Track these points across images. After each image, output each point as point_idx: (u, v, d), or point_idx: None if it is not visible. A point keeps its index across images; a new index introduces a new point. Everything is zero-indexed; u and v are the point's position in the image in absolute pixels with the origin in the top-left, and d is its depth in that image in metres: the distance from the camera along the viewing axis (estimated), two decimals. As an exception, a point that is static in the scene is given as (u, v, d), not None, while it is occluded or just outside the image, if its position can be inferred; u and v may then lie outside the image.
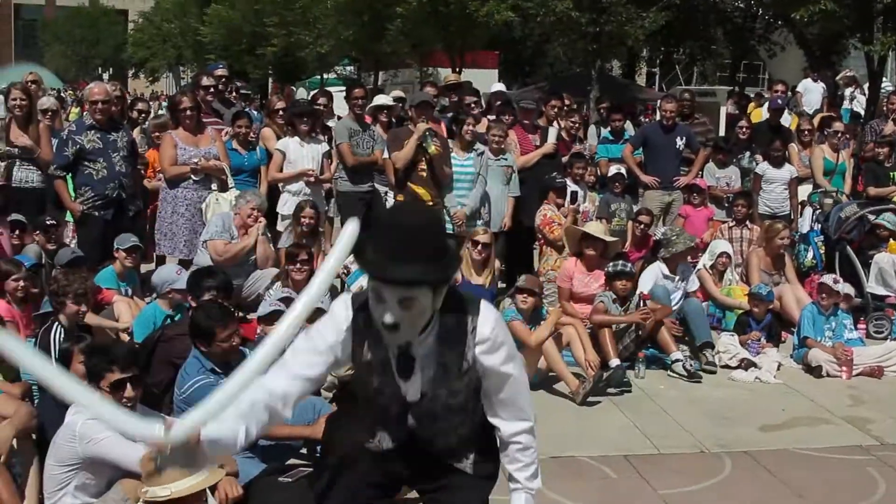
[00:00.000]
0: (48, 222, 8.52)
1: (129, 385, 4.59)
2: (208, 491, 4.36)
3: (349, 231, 3.20)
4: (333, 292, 7.99)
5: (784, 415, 7.16)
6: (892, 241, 9.93)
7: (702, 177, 11.26)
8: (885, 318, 9.35)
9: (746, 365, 8.10)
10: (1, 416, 4.84)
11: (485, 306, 3.32)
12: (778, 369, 8.19)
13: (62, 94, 17.69)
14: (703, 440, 6.55)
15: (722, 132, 15.87)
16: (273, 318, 6.45)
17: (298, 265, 7.56)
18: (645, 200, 11.07)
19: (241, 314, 7.13)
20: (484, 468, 3.56)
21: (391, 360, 3.29)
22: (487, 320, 3.29)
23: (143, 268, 8.81)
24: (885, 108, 13.66)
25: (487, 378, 3.35)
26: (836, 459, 6.33)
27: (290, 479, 4.79)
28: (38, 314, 6.85)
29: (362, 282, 5.69)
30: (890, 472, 6.07)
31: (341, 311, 3.34)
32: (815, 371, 8.12)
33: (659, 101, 12.65)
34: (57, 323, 6.14)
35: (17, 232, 8.40)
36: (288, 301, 6.80)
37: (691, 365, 7.92)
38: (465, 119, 9.65)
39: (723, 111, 18.51)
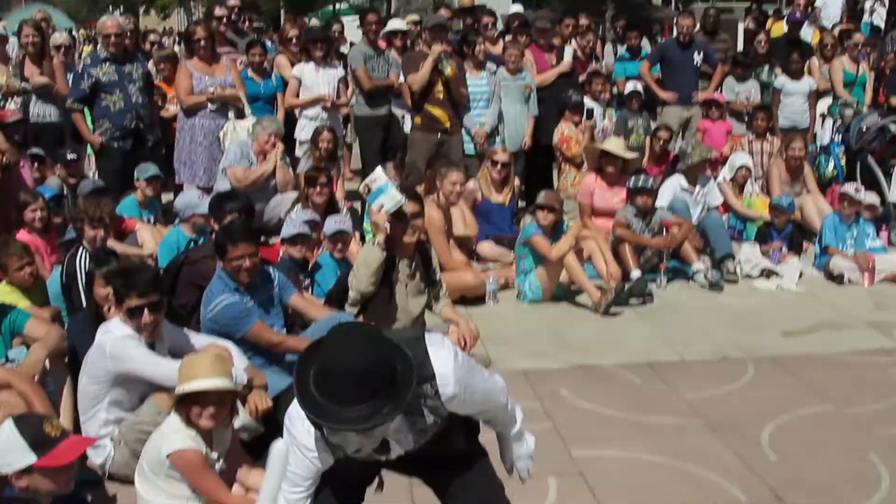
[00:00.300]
0: (69, 157, 8.56)
1: (146, 311, 4.58)
2: (239, 403, 4.45)
3: (277, 451, 3.05)
4: (354, 214, 8.07)
5: (807, 321, 7.19)
6: (919, 149, 9.85)
7: (721, 91, 11.17)
8: (907, 225, 9.32)
9: (768, 274, 8.13)
10: (33, 339, 4.91)
11: (436, 359, 3.01)
12: (800, 277, 8.21)
13: (74, 34, 17.56)
14: (725, 347, 6.59)
15: (740, 49, 15.70)
16: (297, 240, 6.50)
17: (318, 188, 7.57)
18: (664, 116, 11.01)
19: (262, 238, 7.17)
20: (474, 439, 3.46)
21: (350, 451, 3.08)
22: (445, 377, 3.00)
23: (164, 198, 8.86)
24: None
25: (464, 410, 3.17)
26: (859, 362, 6.37)
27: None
28: (63, 241, 6.94)
29: (382, 200, 5.68)
30: (913, 373, 6.12)
31: (302, 435, 3.05)
32: (836, 279, 8.13)
33: (675, 18, 12.47)
34: (82, 249, 6.20)
35: (36, 165, 8.46)
36: (313, 224, 6.86)
37: (713, 275, 7.94)
38: (476, 39, 9.59)
39: (741, 28, 18.28)
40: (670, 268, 8.09)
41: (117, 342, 4.58)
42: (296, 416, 3.02)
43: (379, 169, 6.04)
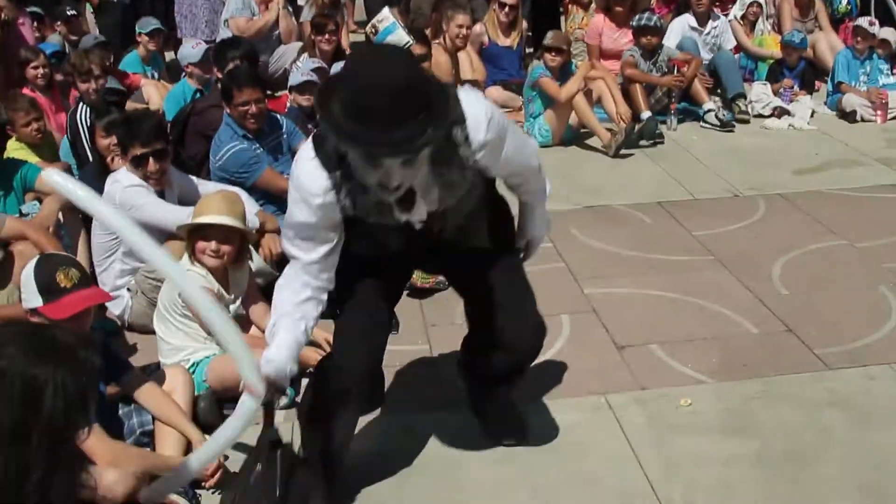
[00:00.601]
0: (69, 13, 8.42)
1: (151, 159, 4.57)
2: (252, 248, 4.48)
3: (246, 407, 2.92)
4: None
5: (817, 159, 7.16)
6: (929, -20, 9.60)
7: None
8: (922, 61, 9.15)
9: (780, 113, 8.05)
10: (45, 193, 4.92)
11: (466, 102, 2.81)
12: (812, 116, 8.14)
13: None
14: (736, 185, 6.59)
15: None
16: (305, 88, 6.42)
17: (327, 35, 7.45)
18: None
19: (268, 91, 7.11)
20: (500, 235, 3.32)
21: (387, 201, 2.87)
22: (477, 121, 2.81)
23: (168, 57, 8.75)
24: None
25: (495, 168, 3.01)
26: (870, 198, 6.36)
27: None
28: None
29: (390, 41, 5.58)
30: (922, 207, 6.12)
31: (312, 181, 2.83)
32: (849, 116, 8.07)
33: None
34: (81, 103, 6.15)
35: (36, 24, 8.33)
36: (321, 72, 6.76)
37: (724, 114, 7.87)
38: None
39: None
40: (681, 108, 8.02)
41: (126, 191, 4.58)
42: (305, 157, 2.85)
43: (386, 9, 5.93)
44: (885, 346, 4.36)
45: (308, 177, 2.84)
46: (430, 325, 4.63)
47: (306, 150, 2.87)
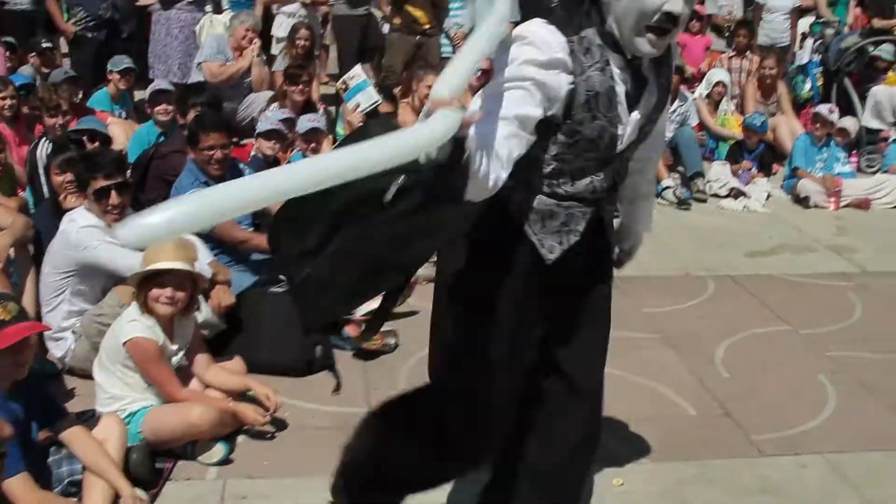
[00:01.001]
0: (44, 44, 8.43)
1: (113, 192, 4.56)
2: (202, 298, 4.49)
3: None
4: (328, 118, 8.00)
5: (770, 242, 7.29)
6: (890, 73, 9.85)
7: (702, 3, 11.06)
8: (878, 151, 9.38)
9: (736, 194, 8.19)
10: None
11: None
12: (767, 199, 8.29)
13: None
14: (688, 264, 6.69)
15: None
16: (272, 135, 6.44)
17: (300, 86, 7.51)
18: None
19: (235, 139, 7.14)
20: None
21: (616, 88, 2.65)
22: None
23: (138, 95, 8.77)
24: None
25: (660, 123, 2.96)
26: (818, 285, 6.46)
27: (280, 290, 4.90)
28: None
29: (359, 99, 5.63)
30: (868, 297, 6.23)
31: (552, 35, 2.54)
32: (803, 201, 8.21)
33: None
34: (44, 138, 6.16)
35: (9, 54, 8.33)
36: (289, 122, 6.80)
37: (681, 192, 7.99)
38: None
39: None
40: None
41: (81, 231, 4.58)
42: (537, 23, 2.56)
43: (358, 66, 5.98)
44: (820, 434, 4.43)
45: (548, 32, 2.55)
46: (373, 389, 4.65)
47: (533, 23, 2.58)
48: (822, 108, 8.74)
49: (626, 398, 4.69)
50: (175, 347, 4.16)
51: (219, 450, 3.94)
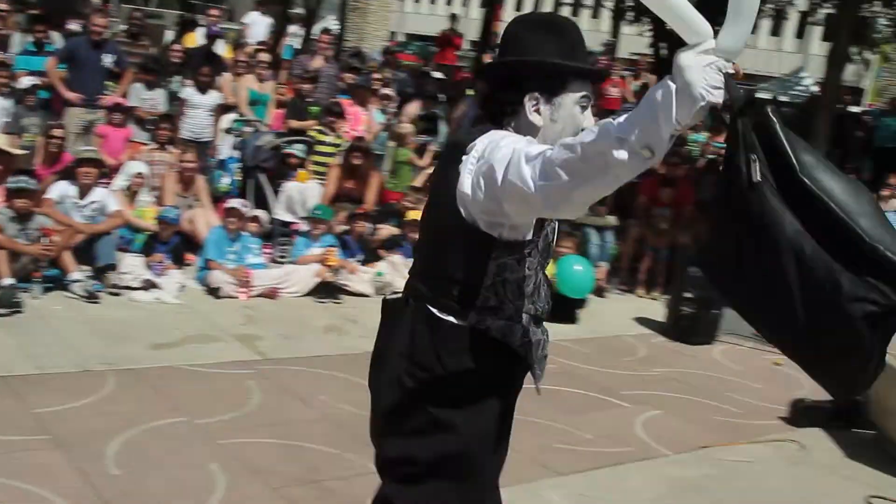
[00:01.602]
0: None
1: None
2: None
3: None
4: None
5: (178, 333, 7.44)
6: (300, 170, 10.63)
7: (125, 96, 11.18)
8: (290, 243, 10.01)
9: (148, 286, 8.27)
10: None
11: None
12: (182, 290, 8.48)
13: None
14: (89, 359, 6.60)
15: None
16: None
17: None
18: (68, 117, 10.77)
19: None
20: None
21: None
22: None
23: None
24: (316, 46, 14.49)
25: None
26: (220, 374, 6.70)
27: None
28: None
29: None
30: (266, 383, 6.58)
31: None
32: (215, 292, 8.52)
33: (91, 16, 12.27)
34: None
35: None
36: None
37: (92, 286, 7.91)
38: None
39: (168, 35, 18.55)
40: (48, 276, 7.92)
41: None
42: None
43: None
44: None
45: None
46: None
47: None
48: (236, 202, 9.19)
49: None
50: None
51: None
